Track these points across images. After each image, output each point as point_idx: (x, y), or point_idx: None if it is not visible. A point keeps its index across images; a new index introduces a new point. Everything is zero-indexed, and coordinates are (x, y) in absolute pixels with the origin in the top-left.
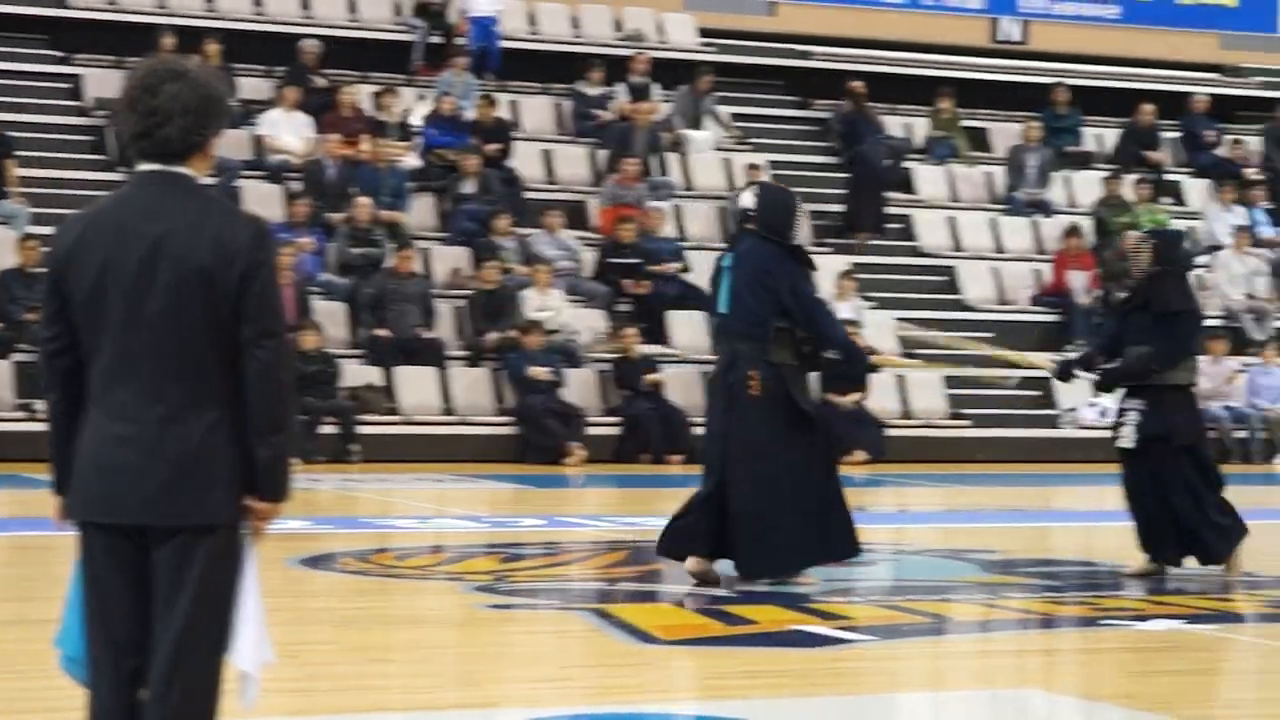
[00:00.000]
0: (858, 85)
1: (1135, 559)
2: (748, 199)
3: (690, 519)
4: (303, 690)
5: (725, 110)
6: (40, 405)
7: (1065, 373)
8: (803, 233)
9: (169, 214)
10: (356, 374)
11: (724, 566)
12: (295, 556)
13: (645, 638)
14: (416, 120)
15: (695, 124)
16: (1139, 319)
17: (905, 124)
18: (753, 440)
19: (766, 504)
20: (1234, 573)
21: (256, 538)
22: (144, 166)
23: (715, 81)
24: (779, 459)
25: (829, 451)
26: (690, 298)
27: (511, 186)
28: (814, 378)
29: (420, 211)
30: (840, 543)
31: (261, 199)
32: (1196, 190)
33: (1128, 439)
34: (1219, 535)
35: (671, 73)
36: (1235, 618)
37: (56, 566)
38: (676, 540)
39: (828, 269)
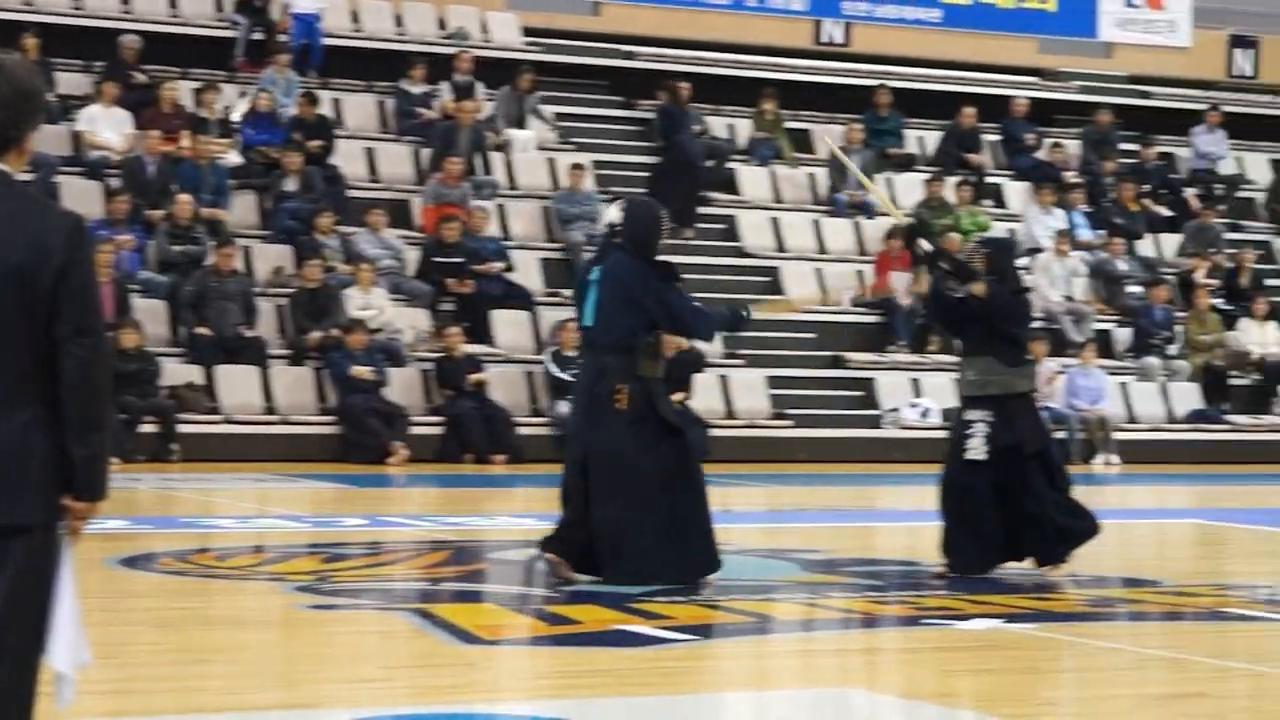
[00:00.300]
0: (682, 85)
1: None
2: (614, 214)
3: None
4: (121, 691)
5: (549, 110)
6: None
7: (911, 238)
8: (666, 246)
9: None
10: (177, 372)
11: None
12: (114, 557)
13: (468, 638)
14: (237, 117)
15: (519, 123)
16: (972, 327)
17: (729, 125)
18: (618, 453)
19: (630, 518)
20: (1057, 573)
21: (74, 537)
22: None
23: (539, 81)
24: (643, 473)
25: (692, 466)
26: (514, 297)
27: (334, 184)
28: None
29: (242, 209)
30: (701, 559)
31: (80, 196)
32: (1016, 193)
33: (978, 451)
34: (1060, 537)
35: (495, 72)
36: (1054, 617)
37: None
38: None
39: None
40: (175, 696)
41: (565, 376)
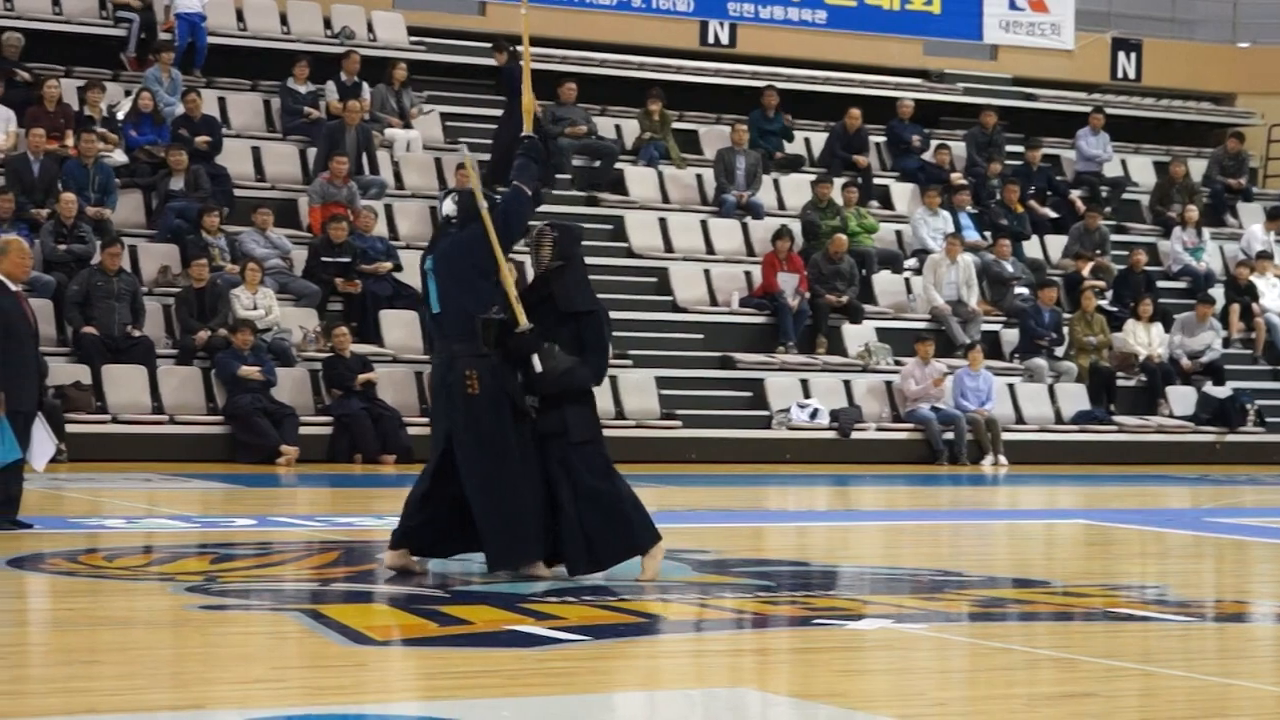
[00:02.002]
0: (568, 85)
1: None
2: (449, 206)
3: (415, 519)
4: (10, 693)
5: (434, 109)
6: None
7: (488, 337)
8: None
9: None
10: (64, 372)
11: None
12: (1, 557)
13: (359, 638)
14: (122, 116)
15: (402, 117)
16: (544, 312)
17: (615, 125)
18: (480, 436)
19: (505, 497)
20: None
21: None
22: None
23: (425, 80)
24: (509, 452)
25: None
26: (402, 297)
27: (220, 183)
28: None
29: (127, 208)
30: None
31: None
32: (903, 194)
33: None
34: (569, 541)
35: (380, 71)
36: (945, 617)
37: None
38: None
39: None
40: (65, 698)
41: None
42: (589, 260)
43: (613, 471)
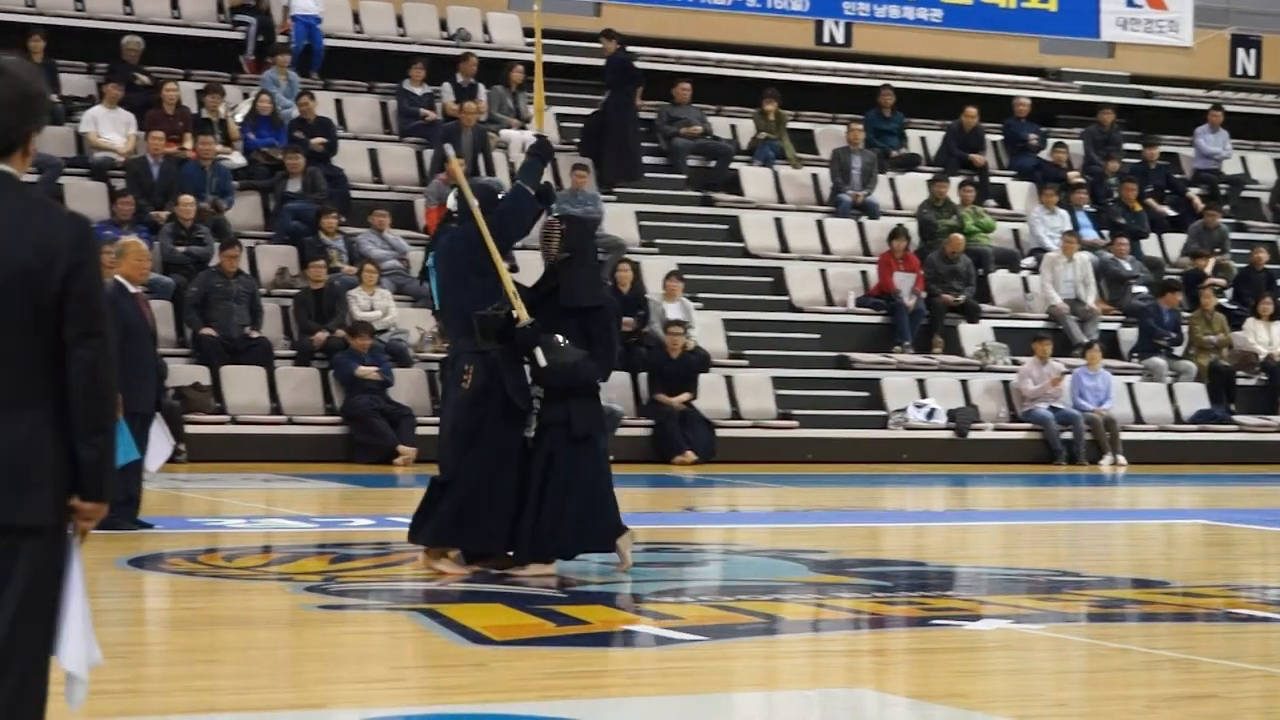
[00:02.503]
0: (683, 84)
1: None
2: (452, 201)
3: (423, 510)
4: (131, 692)
5: (550, 110)
6: None
7: (486, 331)
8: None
9: None
10: (183, 373)
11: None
12: (123, 557)
13: (476, 638)
14: (240, 119)
15: (522, 122)
16: (551, 305)
17: (731, 125)
18: (463, 430)
19: (471, 491)
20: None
21: (82, 538)
22: None
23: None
24: (485, 450)
25: (525, 446)
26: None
27: (337, 185)
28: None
29: (245, 210)
30: (521, 537)
31: (84, 197)
32: (1020, 193)
33: (530, 426)
34: (554, 535)
35: (494, 72)
36: (1064, 617)
37: None
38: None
39: (657, 269)
40: (185, 697)
41: None
42: (703, 260)
43: (605, 468)
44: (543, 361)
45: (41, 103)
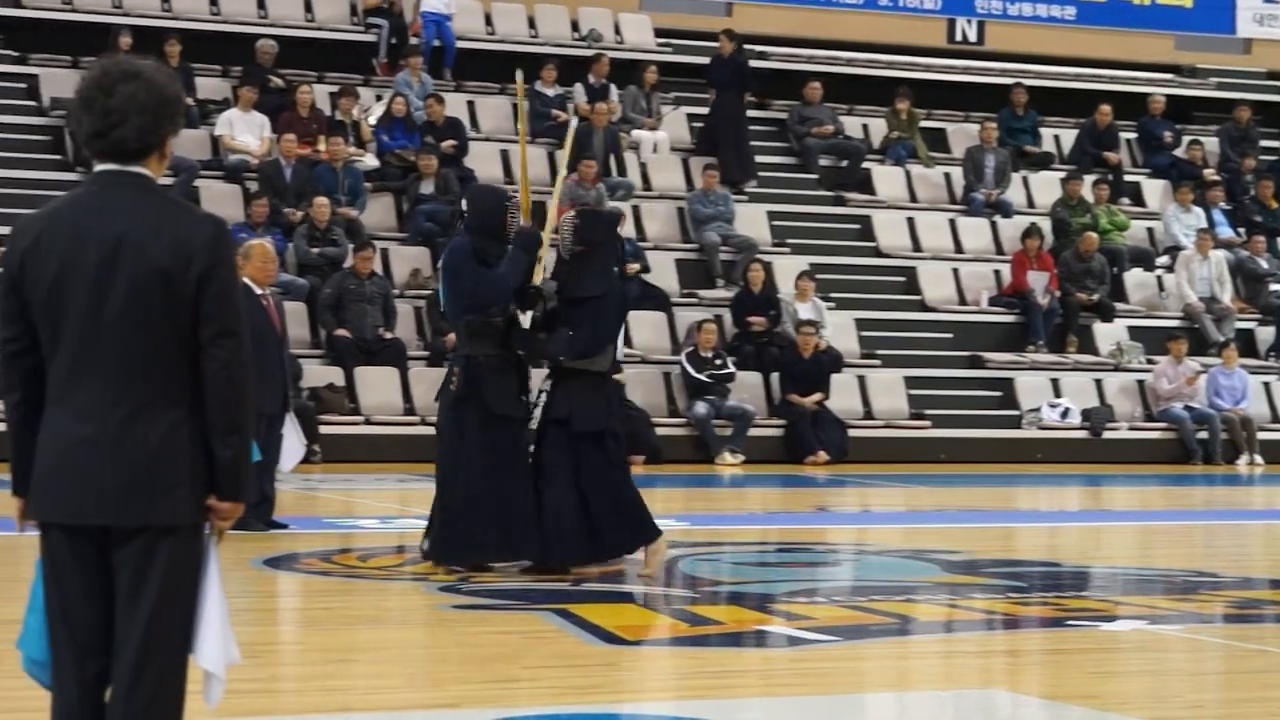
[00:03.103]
0: (812, 84)
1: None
2: (464, 203)
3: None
4: (267, 691)
5: (681, 111)
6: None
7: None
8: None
9: (127, 214)
10: (317, 374)
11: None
12: (258, 557)
13: (610, 638)
14: (373, 121)
15: (650, 115)
16: (562, 299)
17: (863, 125)
18: (446, 434)
19: (450, 497)
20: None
21: (219, 538)
22: (101, 167)
23: (671, 82)
24: (465, 456)
25: (515, 452)
26: (650, 298)
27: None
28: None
29: (379, 212)
30: (524, 544)
31: (219, 199)
32: (1154, 191)
33: (535, 420)
34: (561, 539)
35: (627, 72)
36: (1200, 618)
37: (18, 568)
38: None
39: (789, 269)
40: (320, 696)
41: (702, 377)
42: (836, 260)
43: (618, 465)
44: (525, 324)
45: (178, 107)
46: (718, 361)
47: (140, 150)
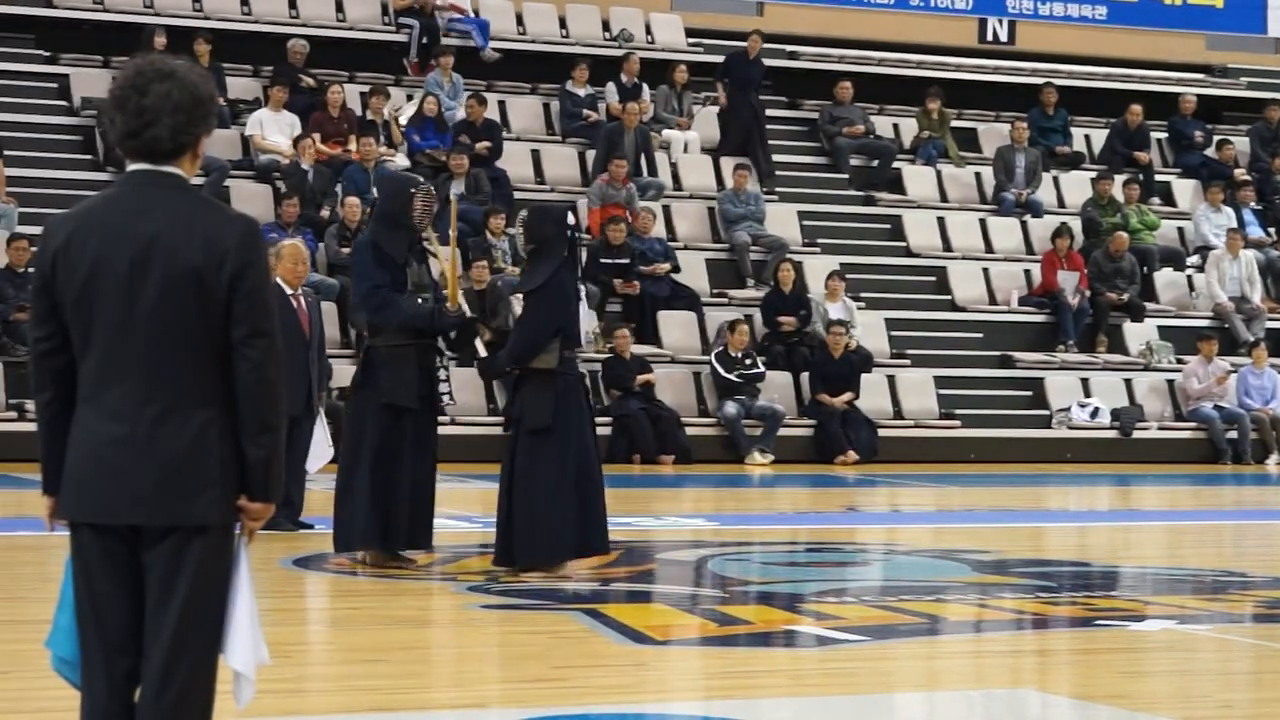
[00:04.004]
0: (843, 84)
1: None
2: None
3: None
4: (296, 690)
5: (711, 109)
6: (31, 405)
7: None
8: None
9: (159, 214)
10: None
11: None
12: (288, 557)
13: (639, 638)
14: (404, 121)
15: (682, 113)
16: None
17: (893, 124)
18: (347, 422)
19: (344, 485)
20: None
21: (249, 538)
22: (133, 166)
23: (702, 82)
24: (359, 445)
25: (420, 442)
26: (680, 298)
27: (500, 187)
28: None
29: None
30: (418, 533)
31: (250, 199)
32: (1185, 191)
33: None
34: (531, 539)
35: (658, 72)
36: (1230, 618)
37: (48, 567)
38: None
39: (820, 269)
40: (348, 696)
41: (731, 377)
42: (866, 260)
43: (558, 470)
44: (482, 352)
45: (211, 107)
46: (747, 361)
47: (174, 150)
